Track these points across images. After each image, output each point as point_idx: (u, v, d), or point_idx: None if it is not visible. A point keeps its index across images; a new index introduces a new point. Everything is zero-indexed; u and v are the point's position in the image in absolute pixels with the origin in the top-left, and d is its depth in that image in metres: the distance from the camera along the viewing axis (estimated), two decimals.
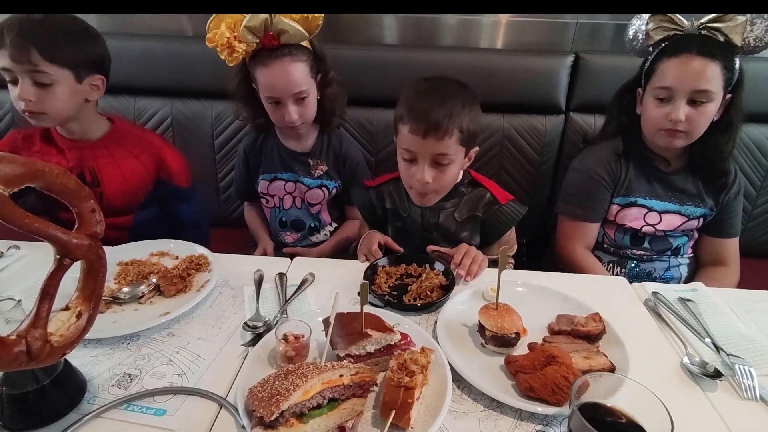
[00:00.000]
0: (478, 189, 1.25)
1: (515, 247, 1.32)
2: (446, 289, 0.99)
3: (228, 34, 1.19)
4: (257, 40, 1.21)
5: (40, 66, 1.12)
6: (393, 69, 1.60)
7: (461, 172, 1.24)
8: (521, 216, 1.22)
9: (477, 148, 1.19)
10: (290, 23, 1.19)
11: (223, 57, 1.22)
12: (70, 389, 0.72)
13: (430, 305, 0.96)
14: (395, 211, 1.27)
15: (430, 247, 1.15)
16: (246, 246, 1.62)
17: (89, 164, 1.28)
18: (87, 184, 1.24)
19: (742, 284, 1.33)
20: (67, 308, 0.62)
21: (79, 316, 0.62)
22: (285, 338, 0.78)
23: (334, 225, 1.57)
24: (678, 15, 1.19)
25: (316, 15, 1.21)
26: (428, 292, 0.98)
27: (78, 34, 1.19)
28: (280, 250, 1.54)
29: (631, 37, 1.27)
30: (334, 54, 1.41)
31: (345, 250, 1.55)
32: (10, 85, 1.15)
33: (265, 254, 1.47)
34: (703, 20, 1.16)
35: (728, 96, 1.19)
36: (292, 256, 1.16)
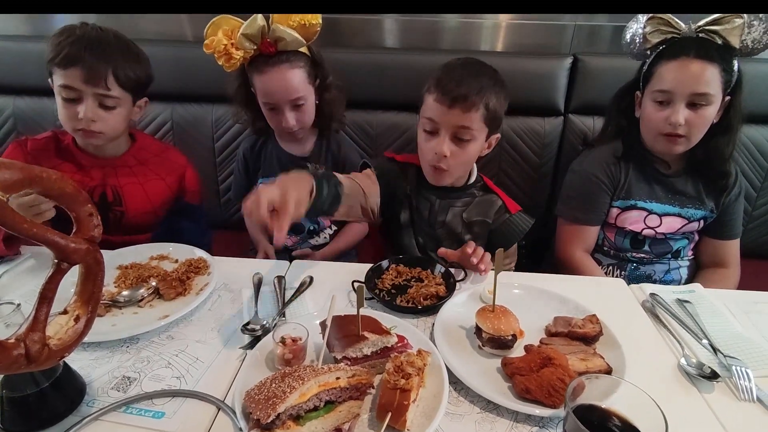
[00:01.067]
0: (490, 195, 1.25)
1: (515, 258, 1.32)
2: (442, 299, 0.99)
3: (225, 41, 1.19)
4: (255, 47, 1.22)
5: (113, 90, 1.14)
6: (393, 72, 1.61)
7: (475, 171, 1.25)
8: (530, 227, 1.22)
9: (498, 136, 1.18)
10: (287, 31, 1.19)
11: (220, 63, 1.23)
12: (69, 392, 0.72)
13: (427, 308, 0.97)
14: (409, 197, 1.24)
15: (441, 251, 1.12)
16: (245, 249, 1.62)
17: (111, 183, 1.27)
18: (109, 203, 1.25)
19: (742, 286, 1.33)
20: (65, 312, 0.63)
21: (77, 319, 0.62)
22: (282, 341, 0.78)
23: (334, 228, 1.57)
24: (675, 18, 1.19)
25: (314, 22, 1.20)
26: (422, 299, 0.98)
27: (138, 58, 1.21)
28: (279, 253, 1.54)
29: (629, 40, 1.26)
30: (334, 57, 1.42)
31: (347, 254, 1.56)
32: (64, 102, 1.14)
33: (266, 258, 1.47)
34: (701, 23, 1.17)
35: (727, 98, 1.19)
36: (292, 259, 1.16)
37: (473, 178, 1.25)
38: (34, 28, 1.80)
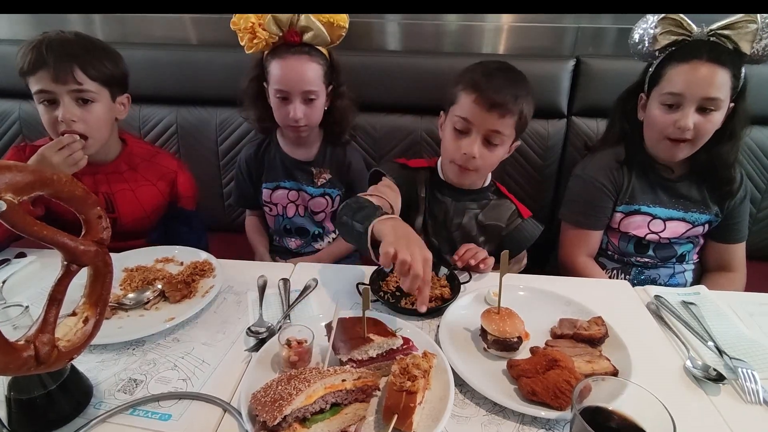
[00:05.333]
0: (504, 199, 1.27)
1: (525, 262, 1.33)
2: (447, 301, 0.99)
3: (254, 19, 1.21)
4: (280, 33, 1.23)
5: (85, 84, 1.12)
6: (395, 75, 1.61)
7: (489, 177, 1.26)
8: (539, 233, 1.24)
9: (519, 143, 1.20)
10: (316, 22, 1.21)
11: (243, 43, 1.25)
12: (76, 394, 0.73)
13: (432, 310, 0.97)
14: (425, 202, 1.25)
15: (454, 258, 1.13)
16: (249, 252, 1.62)
17: (103, 189, 1.26)
18: None
19: (747, 287, 1.32)
20: (74, 314, 0.63)
21: (85, 321, 0.63)
22: (288, 343, 0.78)
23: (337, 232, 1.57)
24: (687, 20, 1.17)
25: (341, 24, 1.23)
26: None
27: (106, 54, 1.19)
28: (284, 255, 1.55)
29: (637, 40, 1.24)
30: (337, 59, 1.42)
31: (350, 257, 1.55)
32: (44, 108, 1.14)
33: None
34: (714, 26, 1.14)
35: (731, 105, 1.17)
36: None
37: (488, 182, 1.26)
38: (41, 32, 1.81)
